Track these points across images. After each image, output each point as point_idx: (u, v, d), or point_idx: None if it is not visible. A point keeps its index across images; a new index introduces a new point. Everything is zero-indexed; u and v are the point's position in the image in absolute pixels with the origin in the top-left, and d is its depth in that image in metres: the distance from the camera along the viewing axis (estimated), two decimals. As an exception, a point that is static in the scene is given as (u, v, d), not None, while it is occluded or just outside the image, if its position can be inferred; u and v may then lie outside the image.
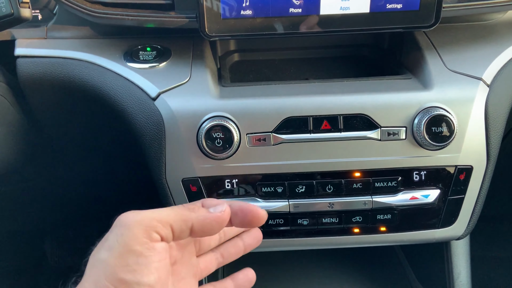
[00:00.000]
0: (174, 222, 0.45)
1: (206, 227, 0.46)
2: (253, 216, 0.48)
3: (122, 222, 0.43)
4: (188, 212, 0.46)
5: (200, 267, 0.54)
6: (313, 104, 0.69)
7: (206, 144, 0.67)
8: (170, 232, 0.44)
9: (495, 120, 0.71)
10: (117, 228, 0.43)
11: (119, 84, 0.73)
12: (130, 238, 0.42)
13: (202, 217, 0.46)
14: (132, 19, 0.72)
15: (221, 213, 0.46)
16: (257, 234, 0.57)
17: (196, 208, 0.47)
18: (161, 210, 0.45)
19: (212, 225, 0.46)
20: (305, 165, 0.69)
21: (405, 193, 0.71)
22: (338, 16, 0.71)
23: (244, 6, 0.70)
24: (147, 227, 0.43)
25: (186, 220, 0.45)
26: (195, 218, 0.45)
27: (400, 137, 0.69)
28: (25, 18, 0.57)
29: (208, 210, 0.47)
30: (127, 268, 0.41)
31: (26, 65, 0.77)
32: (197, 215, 0.46)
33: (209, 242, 0.55)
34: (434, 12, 0.71)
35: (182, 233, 0.45)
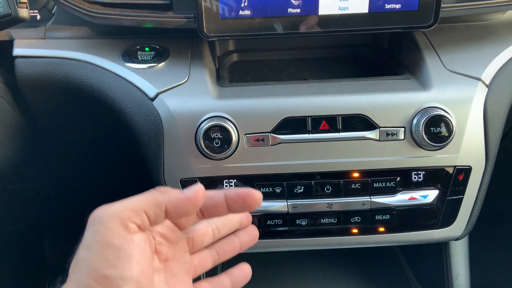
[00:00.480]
0: (147, 208, 0.44)
1: (180, 208, 0.45)
2: (250, 198, 0.48)
3: (96, 219, 0.42)
4: (161, 195, 0.45)
5: (194, 264, 0.53)
6: (312, 104, 0.69)
7: (205, 145, 0.66)
8: (146, 218, 0.44)
9: (494, 121, 0.71)
10: (92, 226, 0.42)
11: (118, 84, 0.73)
12: (107, 233, 0.41)
13: (174, 198, 0.45)
14: (130, 19, 0.72)
15: (194, 193, 0.45)
16: (253, 231, 0.57)
17: (168, 191, 0.46)
18: (132, 199, 0.44)
19: (186, 205, 0.45)
20: (303, 165, 0.69)
21: (403, 193, 0.71)
22: (337, 16, 0.71)
23: (242, 6, 0.70)
24: (122, 220, 0.42)
25: (159, 203, 0.44)
26: (168, 200, 0.45)
27: (398, 138, 0.69)
28: (23, 18, 0.57)
29: (181, 191, 0.46)
30: (108, 264, 0.40)
31: (24, 65, 0.77)
32: (169, 197, 0.45)
33: (202, 239, 0.54)
34: (433, 13, 0.71)
35: (157, 217, 0.45)
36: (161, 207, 0.44)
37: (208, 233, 0.55)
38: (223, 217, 0.56)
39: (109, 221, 0.41)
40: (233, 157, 0.68)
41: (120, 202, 0.43)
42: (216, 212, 0.51)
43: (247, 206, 0.49)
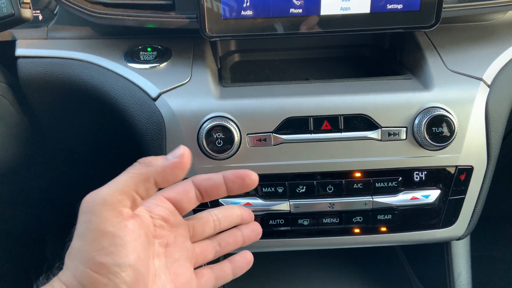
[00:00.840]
0: (136, 186, 0.43)
1: (169, 177, 0.44)
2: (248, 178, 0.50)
3: (87, 208, 0.41)
4: (146, 168, 0.44)
5: (196, 253, 0.53)
6: (314, 104, 0.69)
7: (207, 145, 0.67)
8: (138, 197, 0.43)
9: (496, 120, 0.71)
10: (84, 215, 0.41)
11: (120, 84, 0.73)
12: (100, 222, 0.40)
13: (160, 169, 0.44)
14: (132, 19, 0.72)
15: (179, 158, 0.44)
16: (256, 227, 0.57)
17: (152, 161, 0.44)
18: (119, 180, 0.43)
19: (174, 172, 0.44)
20: (305, 165, 0.70)
21: (405, 193, 0.71)
22: (339, 17, 0.71)
23: (244, 7, 0.70)
24: (114, 206, 0.41)
25: (147, 178, 0.43)
26: (155, 172, 0.44)
27: (400, 137, 0.69)
28: (26, 19, 0.57)
29: (166, 157, 0.45)
30: (103, 252, 0.40)
31: (27, 65, 0.77)
32: (156, 167, 0.44)
33: (203, 228, 0.54)
34: (434, 13, 0.71)
35: (148, 191, 0.44)
36: (150, 181, 0.43)
37: (209, 223, 0.55)
38: (223, 209, 0.56)
39: (101, 210, 0.41)
40: (235, 157, 0.68)
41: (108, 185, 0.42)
42: (215, 193, 0.52)
43: (245, 186, 0.50)
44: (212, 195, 0.52)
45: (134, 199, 0.43)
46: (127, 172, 0.44)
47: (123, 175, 0.43)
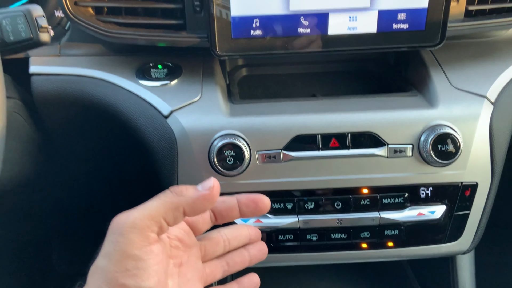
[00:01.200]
0: (166, 214, 0.45)
1: (197, 208, 0.46)
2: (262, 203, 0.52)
3: (116, 229, 0.43)
4: (177, 198, 0.45)
5: (206, 272, 0.55)
6: (322, 122, 0.71)
7: (218, 162, 0.68)
8: (165, 224, 0.45)
9: (500, 137, 0.72)
10: (112, 235, 0.43)
11: (132, 101, 0.75)
12: (127, 244, 0.42)
13: (191, 199, 0.46)
14: (145, 39, 0.74)
15: (210, 191, 0.46)
16: (262, 247, 0.59)
17: (183, 190, 0.46)
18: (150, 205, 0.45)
19: (203, 203, 0.46)
20: (314, 182, 0.71)
21: (411, 209, 0.73)
22: (346, 36, 0.73)
23: (254, 27, 0.71)
24: (142, 230, 0.43)
25: (177, 207, 0.45)
26: (185, 202, 0.45)
27: (406, 155, 0.71)
28: (44, 42, 0.59)
29: (196, 188, 0.47)
30: (127, 274, 0.42)
31: (40, 82, 0.78)
32: (186, 198, 0.46)
33: (214, 249, 0.56)
34: (439, 32, 0.73)
35: (176, 219, 0.46)
36: (179, 210, 0.45)
37: (220, 243, 0.57)
38: (233, 229, 0.58)
39: (130, 232, 0.43)
40: (245, 173, 0.70)
41: (139, 209, 0.44)
42: (229, 216, 0.54)
43: (258, 210, 0.53)
44: (226, 218, 0.54)
45: (162, 225, 0.45)
46: (158, 198, 0.46)
47: (155, 201, 0.45)
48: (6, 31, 0.57)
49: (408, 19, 0.72)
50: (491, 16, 0.77)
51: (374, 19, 0.72)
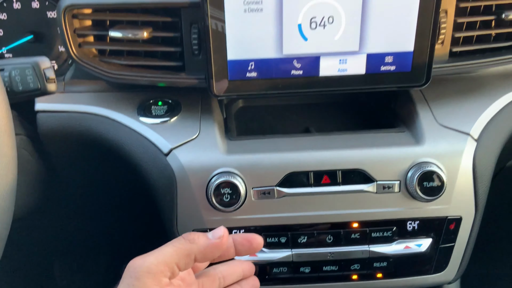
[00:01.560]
0: (178, 260, 0.49)
1: (208, 255, 0.51)
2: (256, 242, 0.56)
3: (132, 273, 0.47)
4: (189, 245, 0.50)
5: None
6: (314, 159, 0.75)
7: (215, 199, 0.72)
8: (177, 269, 0.49)
9: (482, 173, 0.76)
10: (128, 279, 0.47)
11: (134, 139, 0.79)
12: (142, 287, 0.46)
13: (202, 247, 0.50)
14: (146, 79, 0.78)
15: (220, 239, 0.51)
16: (255, 282, 0.63)
17: (195, 238, 0.51)
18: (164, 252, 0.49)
19: (213, 252, 0.51)
20: (307, 217, 0.75)
21: (399, 242, 0.76)
22: (336, 77, 0.77)
23: (249, 69, 0.75)
24: (156, 275, 0.47)
25: (189, 254, 0.50)
26: (197, 249, 0.50)
27: (394, 190, 0.74)
28: (51, 92, 0.62)
29: (207, 236, 0.51)
30: None
31: (46, 119, 0.82)
32: (198, 246, 0.50)
33: (211, 286, 0.60)
34: (425, 73, 0.77)
35: (187, 265, 0.50)
36: (191, 257, 0.50)
37: (216, 280, 0.60)
38: (228, 266, 0.62)
39: (145, 277, 0.47)
40: (241, 209, 0.73)
41: (154, 254, 0.49)
42: (225, 255, 0.58)
43: (252, 249, 0.57)
44: (223, 257, 0.58)
45: (174, 271, 0.49)
46: (172, 245, 0.50)
47: (169, 247, 0.50)
48: (15, 81, 0.61)
49: (395, 62, 0.76)
50: (475, 56, 0.81)
51: (363, 62, 0.76)
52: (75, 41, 0.76)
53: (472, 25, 0.80)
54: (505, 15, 0.78)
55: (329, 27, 0.73)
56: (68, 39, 0.75)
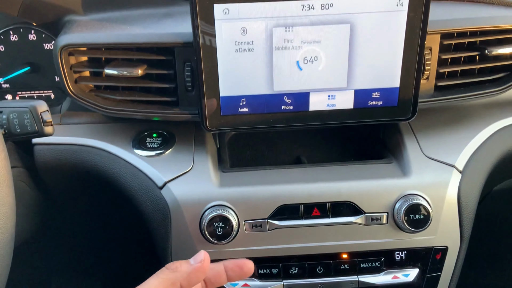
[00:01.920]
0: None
1: (192, 280, 0.52)
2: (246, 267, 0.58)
3: None
4: (173, 274, 0.52)
5: None
6: (304, 192, 0.77)
7: (208, 233, 0.74)
8: None
9: (467, 204, 0.79)
10: None
11: (129, 171, 0.81)
12: None
13: (186, 273, 0.52)
14: (141, 114, 0.80)
15: (201, 263, 0.53)
16: None
17: (178, 266, 0.53)
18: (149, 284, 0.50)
19: (197, 276, 0.53)
20: (297, 248, 0.77)
21: (387, 273, 0.79)
22: (326, 112, 0.79)
23: (241, 105, 0.78)
24: None
25: (174, 282, 0.51)
26: (181, 277, 0.52)
27: (382, 222, 0.77)
28: (48, 134, 0.64)
29: (189, 262, 0.53)
30: None
31: (42, 152, 0.84)
32: (181, 273, 0.52)
33: None
34: (411, 108, 0.79)
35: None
36: (176, 285, 0.51)
37: None
38: None
39: None
40: (234, 242, 0.75)
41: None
42: (217, 281, 0.59)
43: (243, 274, 0.58)
44: (215, 283, 0.60)
45: None
46: (157, 276, 0.52)
47: (153, 279, 0.51)
48: (13, 124, 0.63)
49: (382, 97, 0.78)
50: (459, 90, 0.84)
51: (351, 97, 0.78)
52: (71, 77, 0.78)
53: (457, 60, 0.83)
54: (488, 51, 0.81)
55: (318, 65, 0.75)
56: (64, 76, 0.78)
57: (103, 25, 0.80)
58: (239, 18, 0.71)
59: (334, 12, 0.72)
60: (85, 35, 0.77)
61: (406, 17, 0.73)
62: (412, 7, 0.72)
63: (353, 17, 0.72)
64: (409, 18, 0.73)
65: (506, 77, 0.85)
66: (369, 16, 0.72)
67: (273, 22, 0.72)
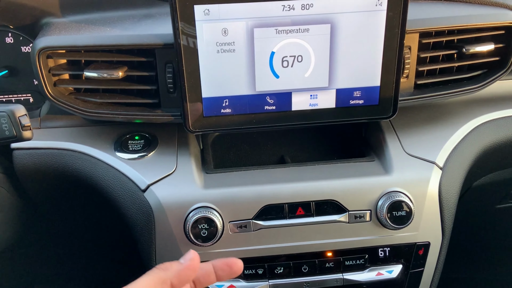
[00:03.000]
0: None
1: (182, 278, 0.52)
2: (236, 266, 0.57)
3: None
4: (164, 272, 0.51)
5: None
6: (288, 192, 0.77)
7: (193, 235, 0.74)
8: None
9: (448, 200, 0.80)
10: None
11: (111, 175, 0.80)
12: None
13: (176, 272, 0.52)
14: (122, 117, 0.79)
15: (191, 261, 0.53)
16: None
17: (168, 266, 0.52)
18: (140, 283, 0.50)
19: (187, 274, 0.53)
20: (282, 248, 0.77)
21: (371, 270, 0.80)
22: (308, 111, 0.80)
23: (224, 106, 0.78)
24: None
25: (165, 280, 0.51)
26: (171, 275, 0.51)
27: (365, 219, 0.78)
28: (27, 139, 0.63)
29: (179, 262, 0.53)
30: None
31: (22, 157, 0.82)
32: (172, 271, 0.52)
33: None
34: (391, 106, 0.80)
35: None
36: (167, 283, 0.51)
37: None
38: None
39: None
40: (218, 243, 0.75)
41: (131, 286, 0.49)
42: (206, 281, 0.59)
43: (232, 273, 0.58)
44: (204, 283, 0.59)
45: None
46: (147, 275, 0.51)
47: (144, 278, 0.51)
48: (-9, 128, 0.62)
49: (363, 96, 0.79)
50: (438, 87, 0.85)
51: (333, 97, 0.79)
52: (50, 80, 0.77)
53: (435, 59, 0.85)
54: (465, 49, 0.82)
55: (299, 65, 0.76)
56: (43, 79, 0.76)
57: (82, 27, 0.79)
58: (220, 18, 0.71)
59: (315, 12, 0.72)
60: (63, 37, 0.76)
61: (385, 17, 0.73)
62: (391, 7, 0.73)
63: (333, 17, 0.73)
64: (388, 17, 0.73)
65: (483, 74, 0.87)
66: (349, 16, 0.73)
67: (254, 23, 0.72)
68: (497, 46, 0.84)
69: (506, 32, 0.84)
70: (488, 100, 0.94)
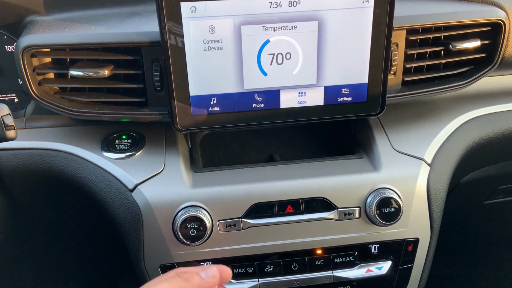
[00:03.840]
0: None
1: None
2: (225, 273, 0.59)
3: None
4: (185, 283, 0.53)
5: None
6: (277, 190, 0.77)
7: (182, 234, 0.73)
8: None
9: (436, 196, 0.81)
10: None
11: (98, 175, 0.79)
12: None
13: (197, 286, 0.53)
14: (109, 116, 0.78)
15: (213, 279, 0.55)
16: None
17: (190, 277, 0.54)
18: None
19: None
20: (272, 246, 0.77)
21: (361, 267, 0.80)
22: (297, 109, 0.79)
23: (212, 104, 0.77)
24: None
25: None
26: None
27: (354, 216, 0.78)
28: (11, 139, 0.62)
29: (200, 275, 0.54)
30: None
31: (6, 158, 0.81)
32: (193, 285, 0.53)
33: None
34: (379, 103, 0.80)
35: None
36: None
37: None
38: None
39: None
40: (208, 242, 0.75)
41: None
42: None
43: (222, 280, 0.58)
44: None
45: None
46: (168, 282, 0.52)
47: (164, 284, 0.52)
48: (-27, 128, 0.61)
49: (351, 93, 0.79)
50: (426, 84, 0.86)
51: (321, 94, 0.79)
52: (34, 79, 0.76)
53: (423, 55, 0.85)
54: (452, 46, 0.83)
55: (287, 62, 0.75)
56: (27, 78, 0.75)
57: (67, 25, 0.78)
58: (207, 16, 0.70)
59: (302, 9, 0.72)
60: (48, 35, 0.75)
61: (372, 14, 0.73)
62: (378, 4, 0.73)
63: (320, 14, 0.73)
64: (375, 14, 0.73)
65: (470, 71, 0.88)
66: (336, 13, 0.73)
67: (241, 20, 0.71)
68: (483, 43, 0.85)
69: (492, 29, 0.84)
70: (475, 97, 0.94)
